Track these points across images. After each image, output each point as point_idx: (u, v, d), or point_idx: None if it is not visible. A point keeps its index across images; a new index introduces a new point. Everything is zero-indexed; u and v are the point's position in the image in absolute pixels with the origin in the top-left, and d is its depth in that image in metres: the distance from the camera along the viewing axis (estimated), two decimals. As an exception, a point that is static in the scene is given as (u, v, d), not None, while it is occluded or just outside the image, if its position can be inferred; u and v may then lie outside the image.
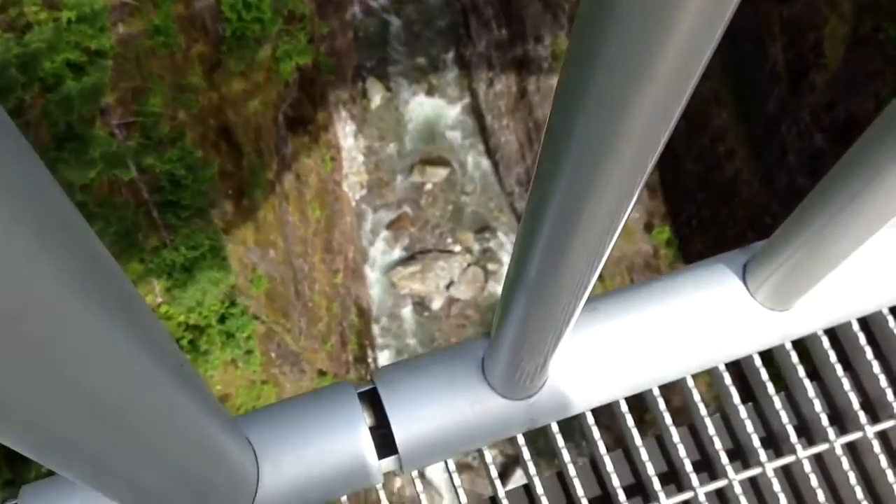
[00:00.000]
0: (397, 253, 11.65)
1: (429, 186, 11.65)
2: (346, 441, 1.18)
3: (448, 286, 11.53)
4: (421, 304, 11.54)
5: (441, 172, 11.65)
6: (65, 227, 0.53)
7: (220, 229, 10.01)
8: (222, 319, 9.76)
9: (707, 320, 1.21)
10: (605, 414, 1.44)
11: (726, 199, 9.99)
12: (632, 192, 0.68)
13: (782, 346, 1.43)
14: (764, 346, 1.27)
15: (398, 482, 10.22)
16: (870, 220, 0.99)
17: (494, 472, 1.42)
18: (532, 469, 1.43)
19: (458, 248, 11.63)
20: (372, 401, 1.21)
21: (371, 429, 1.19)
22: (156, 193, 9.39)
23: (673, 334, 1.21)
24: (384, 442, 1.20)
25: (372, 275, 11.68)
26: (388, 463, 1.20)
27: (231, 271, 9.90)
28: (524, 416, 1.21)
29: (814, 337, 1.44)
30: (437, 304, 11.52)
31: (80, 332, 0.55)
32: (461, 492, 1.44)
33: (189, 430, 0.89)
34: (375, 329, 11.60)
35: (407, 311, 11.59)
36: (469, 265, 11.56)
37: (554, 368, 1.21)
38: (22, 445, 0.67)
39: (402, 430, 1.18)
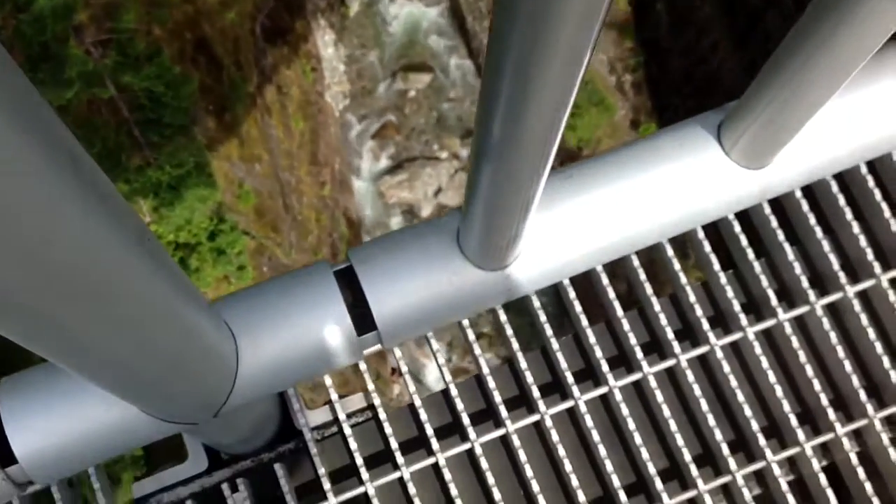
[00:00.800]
0: (384, 162, 11.58)
1: (412, 93, 11.52)
2: (323, 319, 1.17)
3: (436, 193, 11.49)
4: (410, 213, 11.51)
5: (424, 78, 11.50)
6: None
7: (204, 146, 9.92)
8: (212, 236, 9.74)
9: (682, 182, 1.19)
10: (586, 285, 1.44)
11: (711, 90, 9.90)
12: (585, 46, 0.66)
13: (761, 210, 1.42)
14: (741, 206, 1.26)
15: (396, 389, 10.34)
16: (843, 62, 0.97)
17: (478, 350, 1.42)
18: (515, 344, 1.43)
19: (444, 155, 11.55)
20: (348, 279, 1.20)
21: (349, 306, 1.18)
22: (136, 112, 9.27)
23: (647, 197, 1.20)
24: (363, 318, 1.19)
25: (360, 185, 11.63)
26: (368, 339, 1.20)
27: (217, 188, 9.84)
28: (501, 287, 1.21)
29: (793, 200, 1.43)
30: (426, 212, 11.49)
31: (35, 192, 0.53)
32: (445, 370, 1.44)
33: (161, 308, 0.88)
34: (366, 239, 11.59)
35: (396, 221, 11.57)
36: (456, 171, 11.50)
37: (529, 237, 1.20)
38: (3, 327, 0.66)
39: (380, 306, 1.18)
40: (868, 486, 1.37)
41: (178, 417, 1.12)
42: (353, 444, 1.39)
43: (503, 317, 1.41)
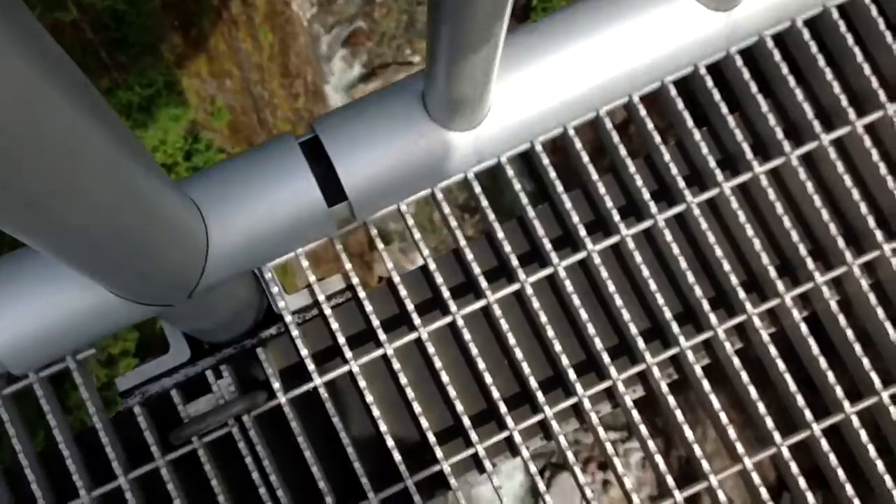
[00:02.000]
0: (357, 70, 11.40)
1: (381, -3, 11.29)
2: (292, 192, 1.15)
3: (412, 98, 11.36)
4: (386, 120, 11.38)
5: (392, -19, 11.27)
6: None
7: (173, 63, 9.74)
8: (188, 156, 9.63)
9: (649, 26, 1.16)
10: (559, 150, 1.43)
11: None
12: None
13: (733, 62, 1.39)
14: (710, 51, 1.23)
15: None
16: None
17: (454, 222, 1.41)
18: (491, 215, 1.41)
19: (417, 59, 11.38)
20: (315, 149, 1.17)
21: (317, 177, 1.16)
22: (100, 33, 9.07)
23: (616, 46, 1.17)
24: (332, 189, 1.17)
25: (334, 95, 11.47)
26: (339, 210, 1.18)
27: (190, 106, 9.70)
28: (471, 149, 1.19)
29: (765, 50, 1.40)
30: (402, 118, 11.36)
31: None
32: (422, 245, 1.43)
33: (122, 178, 0.86)
34: (344, 150, 11.47)
35: (373, 129, 11.43)
36: (430, 75, 11.34)
37: (497, 96, 1.18)
38: None
39: (349, 175, 1.16)
40: (849, 333, 1.38)
41: (152, 299, 1.10)
42: (334, 325, 1.38)
43: (477, 188, 1.39)
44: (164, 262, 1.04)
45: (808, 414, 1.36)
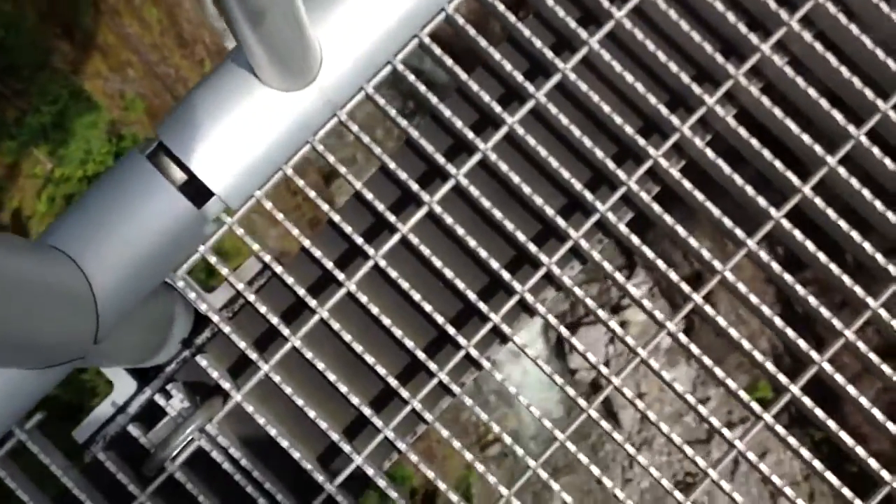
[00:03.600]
0: (250, 15, 11.13)
1: (247, -65, 10.94)
2: (158, 209, 1.11)
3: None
4: (297, 54, 11.15)
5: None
6: None
7: (70, 72, 9.49)
8: (118, 157, 9.48)
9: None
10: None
11: None
12: None
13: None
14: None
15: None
16: None
17: (342, 168, 1.37)
18: (377, 149, 1.38)
19: (305, -16, 11.11)
20: (167, 156, 1.13)
21: (178, 185, 1.12)
22: (-13, 67, 8.82)
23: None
24: (197, 191, 1.13)
25: (237, 48, 11.22)
26: (211, 207, 1.15)
27: (102, 108, 9.47)
28: (320, 100, 1.14)
29: None
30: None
31: None
32: (320, 201, 1.40)
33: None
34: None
35: (288, 67, 11.21)
36: None
37: (322, 37, 1.13)
38: None
39: (207, 170, 1.12)
40: (754, 142, 1.36)
41: (58, 360, 1.08)
42: (262, 309, 1.36)
43: (354, 127, 1.34)
44: (51, 328, 1.01)
45: (738, 232, 1.35)
